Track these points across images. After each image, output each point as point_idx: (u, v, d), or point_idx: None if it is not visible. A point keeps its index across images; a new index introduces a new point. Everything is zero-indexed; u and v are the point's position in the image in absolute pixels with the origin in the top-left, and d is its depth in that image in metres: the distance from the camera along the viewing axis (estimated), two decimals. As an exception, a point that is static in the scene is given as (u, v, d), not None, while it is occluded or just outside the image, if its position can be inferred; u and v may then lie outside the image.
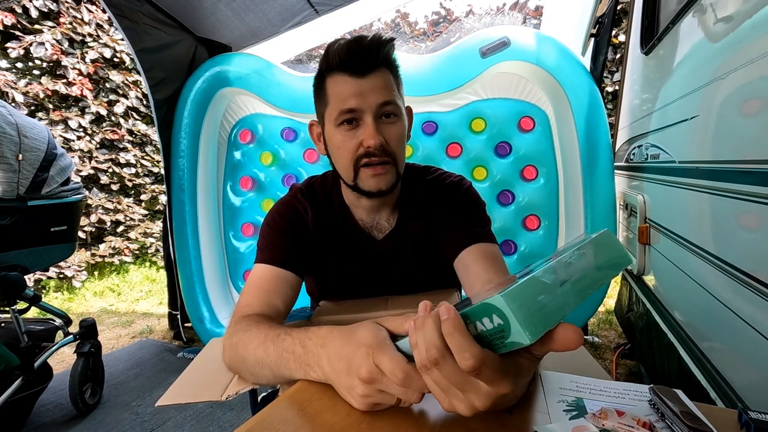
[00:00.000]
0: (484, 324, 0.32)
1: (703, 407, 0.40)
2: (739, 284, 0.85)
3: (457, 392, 0.35)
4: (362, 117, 0.69)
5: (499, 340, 0.32)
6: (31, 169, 1.40)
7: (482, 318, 0.32)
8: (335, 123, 0.71)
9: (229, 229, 2.27)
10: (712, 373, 0.97)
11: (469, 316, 0.33)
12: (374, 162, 0.70)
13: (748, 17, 0.88)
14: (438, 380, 0.35)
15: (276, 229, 0.78)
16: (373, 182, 0.72)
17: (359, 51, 0.68)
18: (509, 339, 0.30)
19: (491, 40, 1.88)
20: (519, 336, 0.30)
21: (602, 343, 2.22)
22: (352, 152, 0.71)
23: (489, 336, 0.32)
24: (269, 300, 0.70)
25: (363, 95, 0.68)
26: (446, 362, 0.33)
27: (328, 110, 0.72)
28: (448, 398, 0.36)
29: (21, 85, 3.32)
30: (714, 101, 1.01)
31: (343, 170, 0.75)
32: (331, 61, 0.69)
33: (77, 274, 3.51)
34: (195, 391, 0.62)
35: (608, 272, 0.39)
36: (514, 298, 0.30)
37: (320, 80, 0.73)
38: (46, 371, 1.53)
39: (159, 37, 1.95)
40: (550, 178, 2.04)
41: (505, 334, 0.31)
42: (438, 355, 0.33)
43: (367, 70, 0.68)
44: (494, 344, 0.32)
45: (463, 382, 0.34)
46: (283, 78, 2.09)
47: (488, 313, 0.31)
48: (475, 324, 0.33)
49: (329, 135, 0.74)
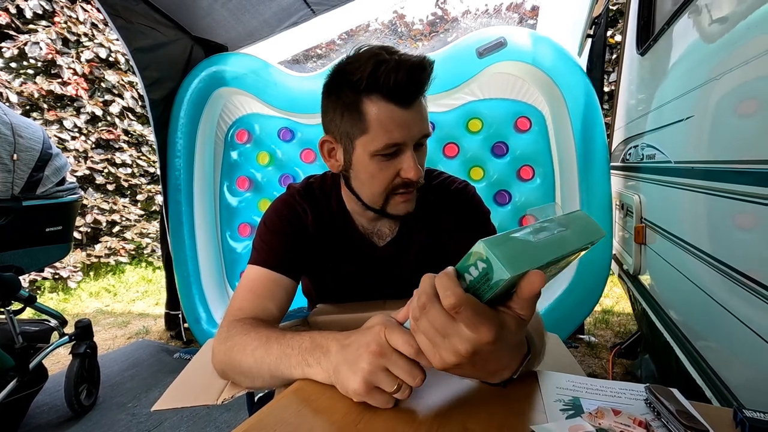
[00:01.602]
0: (471, 273, 0.35)
1: (699, 406, 0.40)
2: (734, 283, 0.86)
3: (441, 340, 0.37)
4: (403, 149, 0.67)
5: (485, 284, 0.35)
6: (26, 169, 1.39)
7: (469, 268, 0.35)
8: (372, 153, 0.66)
9: (226, 229, 2.27)
10: (708, 371, 0.98)
11: (458, 270, 0.37)
12: (410, 191, 0.71)
13: (742, 18, 0.89)
14: (426, 330, 0.37)
15: (273, 231, 0.76)
16: (403, 207, 0.72)
17: (411, 81, 0.63)
18: (493, 279, 0.34)
19: (488, 40, 1.88)
20: (500, 272, 0.33)
21: (599, 343, 2.23)
22: (388, 182, 0.69)
23: (476, 284, 0.36)
24: (264, 305, 0.68)
25: (408, 127, 0.65)
26: (433, 306, 0.36)
27: (365, 138, 0.66)
28: (436, 351, 0.37)
29: (16, 84, 3.30)
30: (709, 102, 1.02)
31: (371, 196, 0.72)
32: (381, 85, 0.62)
33: (72, 275, 3.49)
34: (191, 394, 0.61)
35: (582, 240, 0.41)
36: (493, 241, 0.34)
37: (352, 96, 0.65)
38: (42, 372, 1.52)
39: (154, 36, 1.94)
40: (546, 178, 2.05)
41: (490, 276, 0.34)
42: (426, 300, 0.37)
43: (414, 101, 0.65)
44: (481, 290, 0.36)
45: (446, 326, 0.36)
46: (279, 78, 2.09)
47: (473, 260, 0.35)
48: (464, 276, 0.36)
49: (360, 161, 0.69)
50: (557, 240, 0.38)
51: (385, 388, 0.41)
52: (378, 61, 0.62)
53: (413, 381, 0.40)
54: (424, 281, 0.38)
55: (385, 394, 0.41)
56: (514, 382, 0.44)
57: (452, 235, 0.80)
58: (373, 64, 0.62)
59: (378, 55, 0.63)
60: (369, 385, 0.41)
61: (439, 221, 0.81)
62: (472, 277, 0.35)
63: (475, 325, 0.35)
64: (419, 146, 0.70)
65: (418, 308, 0.37)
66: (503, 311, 0.38)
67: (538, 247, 0.36)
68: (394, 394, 0.41)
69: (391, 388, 0.41)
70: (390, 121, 0.64)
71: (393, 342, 0.41)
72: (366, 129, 0.65)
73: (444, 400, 0.44)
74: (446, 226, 0.81)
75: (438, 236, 0.81)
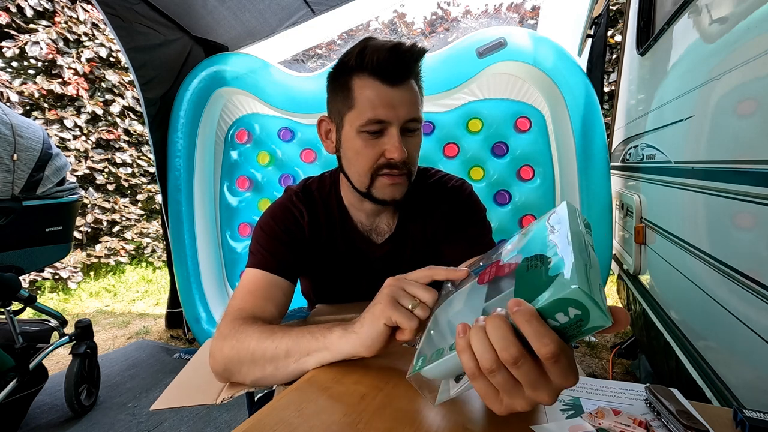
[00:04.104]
0: (558, 319, 0.31)
1: (699, 406, 0.40)
2: (733, 283, 0.86)
3: (521, 390, 0.33)
4: (388, 128, 0.68)
5: (574, 331, 0.31)
6: (26, 169, 1.39)
7: (556, 314, 0.31)
8: (358, 128, 0.68)
9: (226, 229, 2.27)
10: (708, 371, 0.98)
11: (541, 313, 0.32)
12: (395, 173, 0.70)
13: (742, 19, 0.89)
14: (503, 382, 0.33)
15: (270, 234, 0.76)
16: (389, 191, 0.72)
17: (397, 60, 0.65)
18: (588, 325, 0.30)
19: (488, 40, 1.88)
20: (599, 320, 0.30)
21: (599, 343, 2.23)
22: (373, 160, 0.70)
23: (562, 329, 0.32)
24: (264, 305, 0.69)
25: (394, 107, 0.67)
26: (526, 361, 0.32)
27: (352, 113, 0.69)
28: (509, 399, 0.34)
29: (16, 84, 3.29)
30: (709, 102, 1.02)
31: (357, 176, 0.73)
32: (366, 62, 0.66)
33: (73, 275, 3.48)
34: (190, 394, 0.61)
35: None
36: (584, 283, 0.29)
37: (344, 76, 0.69)
38: (42, 372, 1.52)
39: (152, 36, 1.94)
40: (546, 178, 2.05)
41: (584, 323, 0.30)
42: (517, 354, 0.31)
43: (400, 81, 0.67)
44: (567, 336, 0.32)
45: (537, 380, 0.32)
46: (280, 78, 2.09)
47: (563, 307, 0.30)
48: (546, 321, 0.32)
49: (348, 137, 0.71)
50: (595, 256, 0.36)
51: (404, 303, 0.48)
52: (368, 43, 0.67)
53: (427, 296, 0.47)
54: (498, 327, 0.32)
55: (406, 310, 0.47)
56: None
57: (446, 237, 0.80)
58: (362, 45, 0.67)
59: (370, 38, 0.67)
60: (392, 300, 0.48)
61: (433, 220, 0.81)
62: (558, 323, 0.31)
63: (566, 375, 0.32)
64: (409, 131, 0.70)
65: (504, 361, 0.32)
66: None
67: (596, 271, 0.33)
68: (414, 310, 0.47)
69: (409, 303, 0.47)
70: (375, 97, 0.66)
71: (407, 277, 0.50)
72: (353, 104, 0.68)
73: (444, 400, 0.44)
74: (440, 226, 0.81)
75: (432, 235, 0.82)
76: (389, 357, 0.54)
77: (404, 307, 0.47)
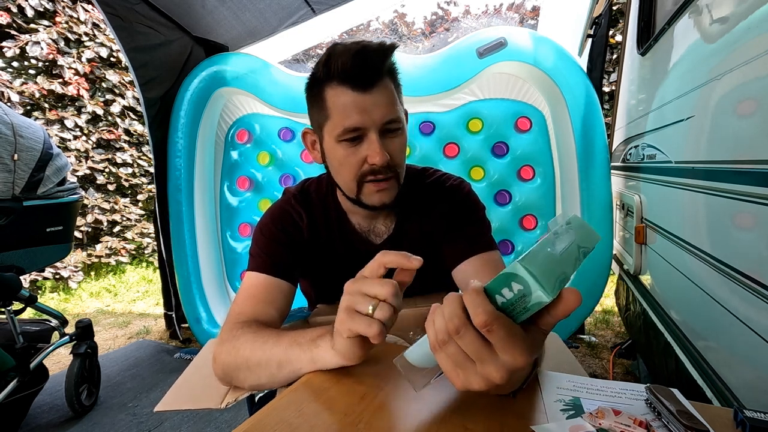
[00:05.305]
0: (504, 295, 0.34)
1: (700, 406, 0.40)
2: (734, 283, 0.86)
3: (472, 365, 0.35)
4: (366, 134, 0.67)
5: (520, 306, 0.34)
6: (26, 169, 1.39)
7: (501, 289, 0.34)
8: (336, 138, 0.67)
9: (226, 229, 2.27)
10: (708, 372, 0.98)
11: (489, 290, 0.35)
12: (380, 178, 0.69)
13: (743, 18, 0.89)
14: (455, 354, 0.36)
15: (269, 237, 0.76)
16: (377, 197, 0.71)
17: (363, 64, 0.63)
18: (531, 302, 0.33)
19: (488, 40, 1.88)
20: (541, 296, 0.32)
21: (599, 343, 2.23)
22: (356, 168, 0.69)
23: (510, 306, 0.34)
24: (264, 309, 0.68)
25: (367, 112, 0.65)
26: (467, 330, 0.34)
27: (328, 124, 0.68)
28: (464, 374, 0.36)
29: (17, 84, 3.29)
30: (709, 102, 1.02)
31: (345, 185, 0.72)
32: (332, 71, 0.64)
33: (73, 275, 3.49)
34: (194, 396, 0.62)
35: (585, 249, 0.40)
36: (531, 262, 0.33)
37: (317, 88, 0.69)
38: (42, 372, 1.52)
39: (152, 36, 1.94)
40: (546, 178, 2.05)
41: (527, 298, 0.33)
42: (459, 324, 0.34)
43: (371, 84, 0.65)
44: (515, 313, 0.34)
45: (480, 351, 0.34)
46: (280, 78, 2.09)
47: (507, 281, 0.33)
48: (495, 297, 0.35)
49: (329, 148, 0.71)
50: (574, 251, 0.37)
51: (362, 309, 0.44)
52: (333, 51, 0.65)
53: (383, 291, 0.43)
54: (450, 302, 0.36)
55: (364, 317, 0.44)
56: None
57: (445, 236, 0.80)
58: (327, 54, 0.65)
59: (336, 45, 0.65)
60: (349, 310, 0.45)
61: (432, 219, 0.81)
62: (504, 299, 0.34)
63: (509, 349, 0.33)
64: (390, 132, 0.69)
65: (449, 332, 0.35)
66: (532, 329, 0.36)
67: (563, 262, 0.35)
68: (374, 314, 0.43)
69: (367, 307, 0.44)
70: (347, 105, 0.65)
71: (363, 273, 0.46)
72: (328, 115, 0.67)
73: (444, 400, 0.44)
74: (438, 225, 0.80)
75: (431, 234, 0.81)
76: (389, 357, 0.53)
77: (362, 314, 0.44)
